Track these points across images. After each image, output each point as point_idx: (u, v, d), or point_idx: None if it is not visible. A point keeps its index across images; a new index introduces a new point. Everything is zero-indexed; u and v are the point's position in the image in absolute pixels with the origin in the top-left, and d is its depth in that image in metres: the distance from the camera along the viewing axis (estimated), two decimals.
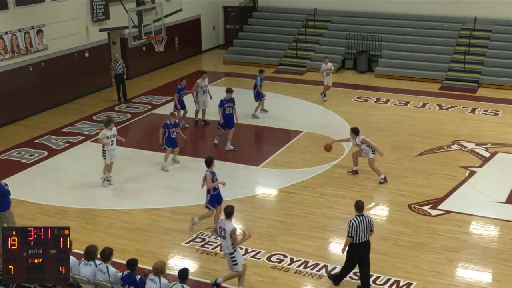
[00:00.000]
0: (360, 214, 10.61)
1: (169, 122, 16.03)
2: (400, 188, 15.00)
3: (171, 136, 16.03)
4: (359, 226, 10.47)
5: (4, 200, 12.05)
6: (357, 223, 10.47)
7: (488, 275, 11.54)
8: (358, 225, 10.46)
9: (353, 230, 10.45)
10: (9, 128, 19.41)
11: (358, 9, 27.58)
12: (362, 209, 10.69)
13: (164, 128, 16.05)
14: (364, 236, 10.54)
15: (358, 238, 10.52)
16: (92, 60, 22.65)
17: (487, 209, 13.98)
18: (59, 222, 13.24)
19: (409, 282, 11.17)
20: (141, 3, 23.80)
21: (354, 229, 10.45)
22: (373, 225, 10.77)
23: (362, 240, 10.57)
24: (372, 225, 10.71)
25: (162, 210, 14.12)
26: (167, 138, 16.04)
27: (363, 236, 10.55)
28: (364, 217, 10.58)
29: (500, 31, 25.22)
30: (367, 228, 10.55)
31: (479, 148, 17.34)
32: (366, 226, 10.53)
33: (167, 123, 16.07)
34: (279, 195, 14.92)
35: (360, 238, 10.53)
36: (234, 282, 11.18)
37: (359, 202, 10.75)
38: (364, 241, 10.60)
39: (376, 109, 21.02)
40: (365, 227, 10.51)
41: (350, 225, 10.49)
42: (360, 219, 10.52)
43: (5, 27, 19.03)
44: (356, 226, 10.46)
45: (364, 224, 10.50)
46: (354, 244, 10.58)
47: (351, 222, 10.50)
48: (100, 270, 9.79)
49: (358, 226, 10.46)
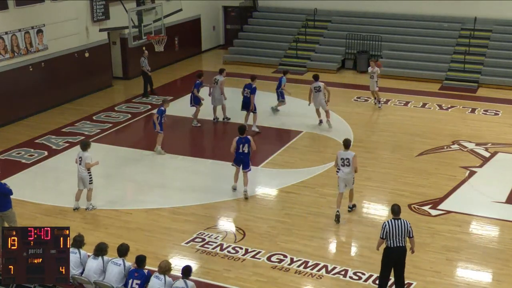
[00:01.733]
0: (396, 218, 10.29)
1: (163, 108, 16.70)
2: (400, 188, 15.00)
3: (162, 121, 16.65)
4: (393, 229, 10.18)
5: (6, 199, 12.06)
6: (390, 226, 10.20)
7: (488, 275, 11.54)
8: (391, 228, 10.18)
9: (385, 232, 10.22)
10: (9, 128, 19.41)
11: (358, 9, 27.58)
12: (399, 213, 10.32)
13: (159, 114, 16.63)
14: (399, 240, 10.23)
15: (392, 242, 10.25)
16: (92, 60, 22.65)
17: (487, 209, 13.97)
18: (59, 222, 13.24)
19: (409, 282, 11.16)
20: (141, 3, 23.80)
21: (386, 231, 10.20)
22: (412, 231, 10.35)
23: (397, 245, 10.25)
24: (410, 231, 10.30)
25: (162, 210, 14.12)
26: (160, 123, 16.64)
27: (398, 241, 10.23)
28: (401, 221, 10.25)
29: (500, 31, 25.22)
30: (403, 233, 10.21)
31: (479, 148, 17.34)
32: (402, 231, 10.20)
33: (162, 109, 16.70)
34: (279, 195, 14.92)
35: (394, 242, 10.24)
36: (235, 282, 11.20)
37: (395, 206, 10.43)
38: (400, 245, 10.27)
39: (376, 109, 21.01)
40: (400, 232, 10.19)
41: (383, 226, 10.28)
42: (395, 223, 10.22)
43: (5, 27, 19.03)
44: (389, 228, 10.19)
45: (399, 228, 10.19)
46: (389, 247, 10.32)
47: (385, 223, 10.30)
48: (115, 263, 9.96)
49: (391, 229, 10.18)
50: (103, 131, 19.07)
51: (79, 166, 13.71)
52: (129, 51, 24.02)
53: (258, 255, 12.11)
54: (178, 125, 19.44)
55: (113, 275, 9.89)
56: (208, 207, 14.18)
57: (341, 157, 13.31)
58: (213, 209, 14.11)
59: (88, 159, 13.60)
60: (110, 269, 9.96)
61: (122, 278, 9.91)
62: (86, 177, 13.77)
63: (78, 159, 13.75)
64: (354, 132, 18.55)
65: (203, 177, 16.19)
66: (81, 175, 13.74)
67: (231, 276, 11.43)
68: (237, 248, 12.38)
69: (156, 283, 9.57)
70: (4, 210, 12.03)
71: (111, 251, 10.30)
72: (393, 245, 10.27)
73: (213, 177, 16.05)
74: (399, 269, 10.54)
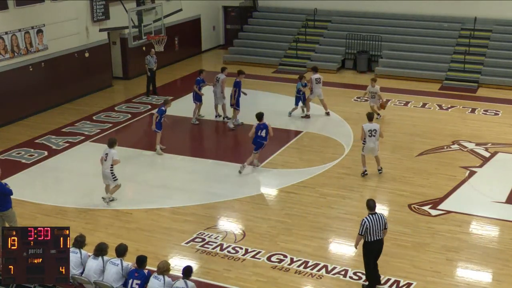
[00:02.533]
0: (372, 213, 10.59)
1: (164, 109, 16.77)
2: (400, 188, 15.01)
3: (161, 121, 16.74)
4: (372, 225, 10.47)
5: (6, 199, 12.06)
6: (369, 222, 10.47)
7: (488, 275, 11.54)
8: (371, 223, 10.46)
9: (364, 228, 10.47)
10: (9, 128, 19.41)
11: (358, 9, 27.58)
12: (374, 208, 10.67)
13: (159, 113, 16.74)
14: (377, 234, 10.55)
15: (371, 237, 10.53)
16: (92, 60, 22.65)
17: (487, 209, 13.98)
18: (59, 222, 13.24)
19: (409, 282, 11.18)
20: (141, 3, 23.80)
21: (367, 227, 10.46)
22: (387, 223, 10.74)
23: (376, 238, 10.57)
24: (386, 223, 10.68)
25: (162, 210, 14.12)
26: (158, 122, 16.73)
27: (377, 235, 10.55)
28: (377, 215, 10.59)
29: (500, 31, 25.22)
30: (381, 226, 10.56)
31: (479, 148, 17.34)
32: (380, 225, 10.54)
33: (162, 109, 16.80)
34: (279, 195, 14.92)
35: (373, 236, 10.53)
36: (235, 282, 11.21)
37: (370, 201, 10.75)
38: (378, 239, 10.61)
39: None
40: (379, 226, 10.52)
41: (363, 223, 10.50)
42: (373, 218, 10.52)
43: (5, 27, 19.03)
44: (369, 224, 10.46)
45: (377, 222, 10.51)
46: (369, 242, 10.59)
47: (364, 220, 10.50)
48: (113, 263, 9.98)
49: (371, 225, 10.46)
50: (103, 131, 19.07)
51: (104, 162, 13.88)
52: (129, 51, 24.03)
53: (258, 255, 12.11)
54: (178, 125, 19.44)
55: (111, 275, 9.90)
56: (208, 207, 14.18)
57: (368, 129, 15.17)
58: (213, 209, 14.11)
59: (115, 155, 13.83)
60: (108, 269, 9.97)
61: (120, 278, 9.92)
62: (109, 175, 13.94)
63: (104, 156, 13.89)
64: (354, 132, 18.54)
65: (203, 177, 16.19)
66: (104, 172, 13.93)
67: (231, 276, 11.43)
68: (237, 248, 12.38)
69: (155, 283, 9.57)
70: (4, 210, 12.04)
71: (111, 251, 10.30)
72: (372, 239, 10.56)
73: (213, 177, 16.05)
74: (376, 258, 10.88)
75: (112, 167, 13.88)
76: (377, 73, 24.99)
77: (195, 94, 19.56)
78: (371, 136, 15.12)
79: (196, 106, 19.68)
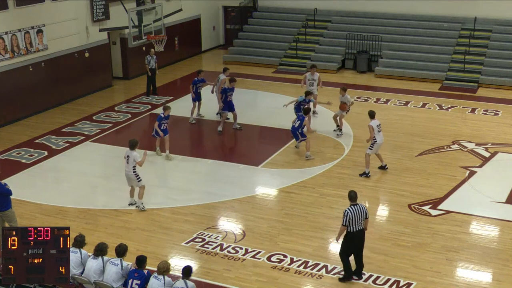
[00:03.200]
0: (354, 204, 10.85)
1: (163, 115, 16.62)
2: (400, 188, 15.01)
3: (161, 128, 16.58)
4: (354, 215, 10.72)
5: (6, 199, 12.06)
6: (352, 213, 10.71)
7: (488, 275, 11.54)
8: (353, 214, 10.72)
9: (347, 219, 10.72)
10: (9, 128, 19.41)
11: (358, 9, 27.58)
12: (356, 199, 10.92)
13: (157, 120, 16.64)
14: (359, 224, 10.82)
15: (353, 227, 10.77)
16: (92, 60, 22.64)
17: (487, 209, 13.98)
18: (59, 222, 13.25)
19: (409, 282, 11.18)
20: (141, 3, 23.81)
21: (349, 218, 10.71)
22: (368, 213, 10.99)
23: (358, 228, 10.82)
24: (367, 213, 10.94)
25: (162, 210, 14.12)
26: (162, 129, 16.63)
27: (358, 225, 10.81)
28: (359, 206, 10.85)
29: (500, 31, 25.22)
30: (362, 217, 10.83)
31: (479, 148, 17.34)
32: (361, 215, 10.80)
33: (161, 116, 16.65)
34: (279, 195, 14.92)
35: (355, 226, 10.78)
36: (235, 282, 11.21)
37: (352, 192, 11.03)
38: (360, 229, 10.87)
39: (376, 109, 20.79)
40: (360, 216, 10.79)
41: (345, 214, 10.76)
42: (355, 209, 10.77)
43: (5, 27, 19.03)
44: (351, 215, 10.71)
45: (359, 213, 10.77)
46: (351, 232, 10.82)
47: (346, 211, 10.76)
48: (113, 263, 9.99)
49: (353, 215, 10.72)
50: (103, 131, 19.07)
51: (126, 165, 13.80)
52: (129, 51, 24.03)
53: (258, 255, 12.11)
54: (178, 125, 19.44)
55: (111, 274, 9.91)
56: (208, 207, 14.18)
57: (376, 125, 15.39)
58: (213, 209, 14.11)
59: (137, 158, 13.64)
60: (108, 269, 9.98)
61: (120, 277, 9.93)
62: (133, 176, 13.78)
63: (126, 157, 13.83)
64: (354, 132, 18.56)
65: (203, 177, 16.20)
66: (128, 174, 13.83)
67: (231, 276, 11.43)
68: (237, 248, 12.38)
69: (155, 283, 9.58)
70: (4, 210, 12.04)
71: (111, 251, 10.30)
72: (354, 230, 10.79)
73: (213, 177, 16.05)
74: (360, 249, 11.11)
75: (135, 169, 13.72)
76: (377, 73, 25.01)
77: (197, 94, 19.60)
78: (380, 131, 15.39)
79: (194, 105, 19.70)
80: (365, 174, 15.55)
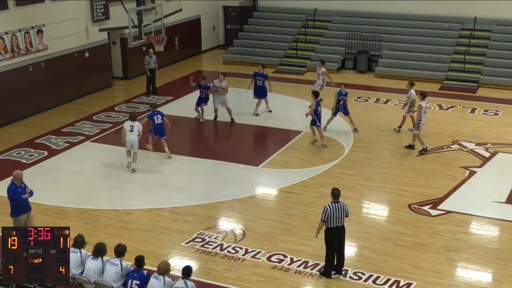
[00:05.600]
0: (336, 201, 11.00)
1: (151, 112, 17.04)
2: (400, 188, 15.00)
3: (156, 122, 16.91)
4: (334, 212, 10.90)
5: (18, 206, 11.94)
6: (331, 209, 10.89)
7: (488, 275, 11.54)
8: (332, 211, 10.89)
9: (326, 215, 10.90)
10: (9, 128, 19.41)
11: (358, 9, 27.58)
12: (338, 197, 11.06)
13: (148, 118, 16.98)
14: (338, 221, 10.98)
15: (332, 223, 10.95)
16: (92, 60, 22.64)
17: (487, 209, 13.98)
18: (59, 222, 13.25)
19: (409, 282, 11.17)
20: (141, 3, 23.80)
21: (328, 214, 10.89)
22: (349, 211, 11.17)
23: (337, 225, 10.98)
24: (347, 211, 11.11)
25: (162, 210, 14.12)
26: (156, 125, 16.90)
27: (338, 222, 10.97)
28: (340, 203, 11.01)
29: (500, 31, 25.22)
30: (342, 214, 11.00)
31: (479, 148, 17.34)
32: (342, 212, 10.98)
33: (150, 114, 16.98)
34: (279, 195, 14.91)
35: (334, 223, 10.95)
36: (235, 282, 11.21)
37: (335, 190, 11.15)
38: (339, 226, 11.03)
39: (376, 109, 21.02)
40: (340, 213, 10.96)
41: (325, 210, 10.95)
42: (335, 206, 10.94)
43: (5, 27, 19.03)
44: (331, 211, 10.89)
45: (339, 210, 10.94)
46: (330, 228, 11.01)
47: (326, 207, 10.95)
48: (112, 263, 9.99)
49: (332, 212, 10.89)
50: (103, 131, 19.07)
51: (129, 133, 15.80)
52: (129, 51, 24.02)
53: (258, 255, 12.10)
54: (178, 125, 19.42)
55: (110, 275, 9.90)
56: (208, 207, 14.18)
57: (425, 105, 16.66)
58: (213, 209, 14.11)
59: (141, 127, 15.94)
60: (108, 269, 9.97)
61: (120, 277, 9.93)
62: (137, 143, 15.91)
63: (129, 127, 15.81)
64: (354, 133, 18.54)
65: (203, 177, 16.20)
66: (132, 140, 15.85)
67: (231, 276, 11.43)
68: (237, 248, 12.38)
69: (155, 283, 9.58)
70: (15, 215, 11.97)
71: (111, 251, 10.29)
72: (333, 226, 10.99)
73: (213, 177, 16.06)
74: (340, 245, 11.26)
75: (138, 136, 15.85)
76: (377, 73, 25.01)
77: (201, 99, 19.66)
78: (425, 112, 16.72)
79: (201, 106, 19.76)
80: (424, 150, 16.81)
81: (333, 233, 11.05)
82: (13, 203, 11.95)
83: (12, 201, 11.94)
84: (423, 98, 16.89)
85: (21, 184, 11.98)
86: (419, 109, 16.76)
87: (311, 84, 23.51)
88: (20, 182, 11.94)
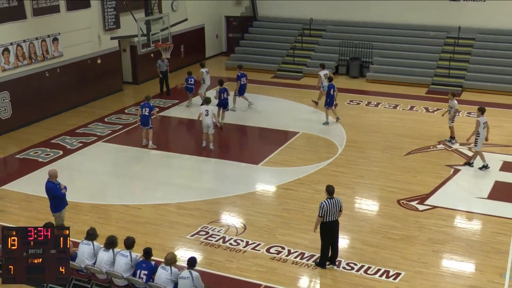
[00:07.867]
0: (330, 197, 11.00)
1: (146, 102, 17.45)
2: (390, 185, 14.99)
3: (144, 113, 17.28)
4: (330, 208, 10.92)
5: (59, 202, 11.80)
6: (327, 205, 10.92)
7: (472, 266, 11.53)
8: (328, 206, 10.92)
9: (323, 210, 10.92)
10: (27, 129, 19.40)
11: (350, 19, 27.56)
12: (333, 193, 11.07)
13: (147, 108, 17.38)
14: (333, 216, 11.01)
15: (328, 218, 10.98)
16: (104, 66, 22.63)
17: (470, 204, 13.97)
18: (73, 216, 13.24)
19: (398, 272, 11.16)
20: (150, 13, 23.78)
21: (325, 210, 10.91)
22: (342, 206, 11.15)
23: (331, 219, 11.01)
24: (341, 206, 11.11)
25: (169, 205, 14.11)
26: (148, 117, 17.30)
27: (333, 216, 11.00)
28: (334, 199, 11.03)
29: (483, 40, 25.19)
30: (337, 209, 11.02)
31: (463, 148, 17.32)
32: (336, 208, 11.00)
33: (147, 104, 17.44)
34: (278, 191, 14.90)
35: (330, 217, 10.98)
36: (236, 272, 11.19)
37: (330, 187, 11.15)
38: (334, 219, 11.05)
39: (368, 112, 21.00)
40: (335, 209, 10.99)
41: (321, 206, 10.95)
42: (330, 201, 10.96)
43: (23, 36, 19.02)
44: (327, 207, 10.92)
45: (334, 205, 10.97)
46: (325, 222, 11.03)
47: (322, 203, 10.96)
48: (122, 254, 9.98)
49: (328, 208, 10.92)
50: (114, 132, 19.05)
51: (205, 117, 16.70)
52: (138, 58, 24.01)
53: (258, 247, 12.09)
54: (183, 127, 19.42)
55: (121, 265, 9.91)
56: (212, 203, 14.16)
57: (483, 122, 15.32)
58: (216, 205, 14.10)
59: (215, 110, 17.23)
60: (118, 260, 9.97)
61: (129, 268, 9.93)
62: (212, 125, 16.83)
63: (205, 112, 16.68)
64: (347, 134, 18.53)
65: (207, 175, 16.19)
66: (207, 123, 16.75)
67: (233, 267, 11.42)
68: (239, 240, 12.37)
69: (162, 273, 9.60)
70: (55, 212, 11.80)
71: (121, 243, 10.28)
72: (328, 220, 11.01)
73: (216, 175, 16.05)
74: (335, 237, 11.29)
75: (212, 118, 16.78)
76: (368, 78, 24.99)
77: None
78: (484, 128, 15.41)
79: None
80: (484, 167, 15.64)
81: (328, 227, 11.06)
82: (54, 200, 11.76)
83: (53, 198, 11.75)
84: (482, 114, 15.50)
85: (56, 181, 11.80)
86: (476, 125, 15.44)
87: (307, 88, 23.60)
88: (55, 180, 11.74)
